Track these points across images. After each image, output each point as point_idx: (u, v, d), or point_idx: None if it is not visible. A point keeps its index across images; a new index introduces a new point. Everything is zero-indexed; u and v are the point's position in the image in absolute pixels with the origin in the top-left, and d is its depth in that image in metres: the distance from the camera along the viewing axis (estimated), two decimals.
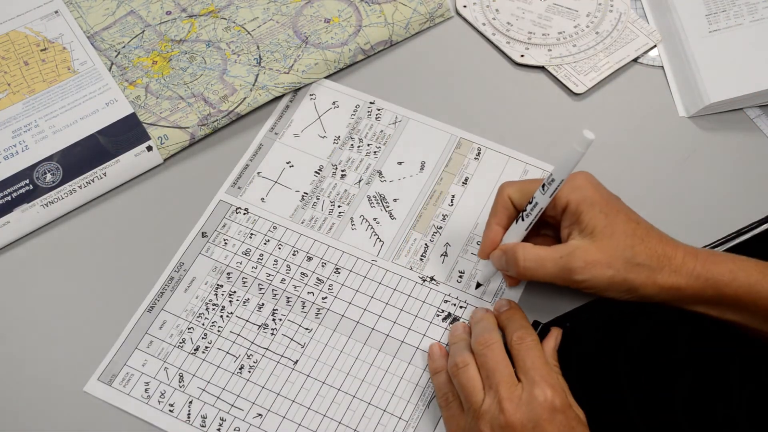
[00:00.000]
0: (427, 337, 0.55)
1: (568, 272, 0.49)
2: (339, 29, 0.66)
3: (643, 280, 0.49)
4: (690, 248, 0.50)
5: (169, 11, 0.68)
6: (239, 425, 0.52)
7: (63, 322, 0.56)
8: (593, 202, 0.49)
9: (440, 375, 0.52)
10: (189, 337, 0.55)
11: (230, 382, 0.54)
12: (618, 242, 0.48)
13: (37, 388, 0.54)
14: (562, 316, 0.56)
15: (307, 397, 0.53)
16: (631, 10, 0.68)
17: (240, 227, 0.60)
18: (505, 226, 0.53)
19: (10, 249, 0.59)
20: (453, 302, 0.56)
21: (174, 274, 0.58)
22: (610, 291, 0.49)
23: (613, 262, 0.48)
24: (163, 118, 0.62)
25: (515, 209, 0.53)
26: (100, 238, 0.59)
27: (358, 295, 0.56)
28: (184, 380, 0.54)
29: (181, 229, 0.59)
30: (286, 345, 0.55)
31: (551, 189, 0.48)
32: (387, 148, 0.62)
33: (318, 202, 0.61)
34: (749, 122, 0.63)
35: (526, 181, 0.53)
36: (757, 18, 0.65)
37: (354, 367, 0.54)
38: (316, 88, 0.65)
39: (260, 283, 0.57)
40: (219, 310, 0.56)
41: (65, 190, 0.59)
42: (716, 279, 0.49)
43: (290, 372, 0.54)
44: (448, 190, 0.60)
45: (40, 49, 0.66)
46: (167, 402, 0.53)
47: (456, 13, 0.70)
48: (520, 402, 0.46)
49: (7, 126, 0.62)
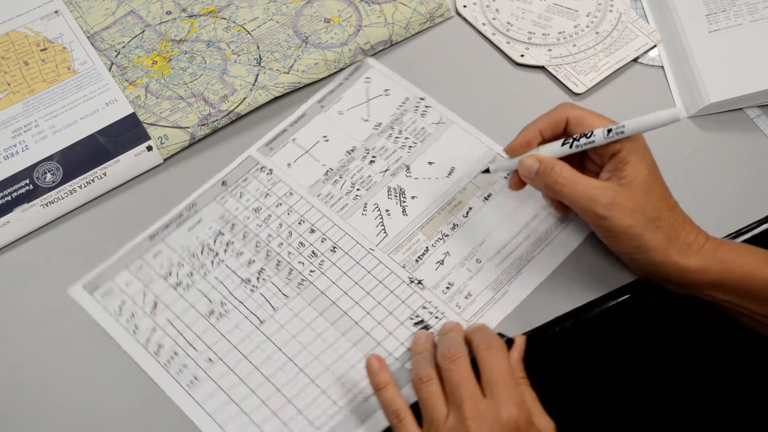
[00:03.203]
0: (392, 336, 0.55)
1: (593, 203, 0.50)
2: (339, 29, 0.66)
3: (657, 244, 0.50)
4: (703, 232, 0.52)
5: (169, 11, 0.68)
6: (188, 363, 0.54)
7: (63, 320, 0.56)
8: (643, 158, 0.51)
9: (387, 390, 0.51)
10: (176, 271, 0.58)
11: (196, 323, 0.56)
12: (649, 200, 0.50)
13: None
14: (562, 316, 0.56)
15: (258, 358, 0.55)
16: (631, 10, 0.68)
17: (259, 185, 0.61)
18: (546, 137, 0.54)
19: (10, 249, 0.59)
20: (431, 310, 0.56)
21: (184, 212, 0.60)
22: (622, 241, 0.51)
23: (638, 214, 0.50)
24: (163, 118, 0.62)
25: (564, 132, 0.54)
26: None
27: (343, 278, 0.57)
28: (156, 309, 0.56)
29: (204, 175, 0.62)
30: (259, 304, 0.56)
31: (616, 137, 0.51)
32: (423, 145, 0.62)
33: (340, 180, 0.61)
34: (749, 122, 0.63)
35: (589, 111, 0.53)
36: (757, 18, 0.65)
37: (313, 343, 0.55)
38: (374, 72, 0.66)
39: (259, 241, 0.59)
40: (212, 255, 0.58)
41: (65, 190, 0.59)
42: (722, 259, 0.50)
43: (253, 330, 0.55)
44: (468, 201, 0.60)
45: (40, 49, 0.66)
46: (134, 323, 0.56)
47: (456, 13, 0.70)
48: (483, 421, 0.46)
49: (7, 126, 0.62)
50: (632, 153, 0.51)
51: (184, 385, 0.54)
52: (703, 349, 0.68)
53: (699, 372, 0.67)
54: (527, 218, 0.58)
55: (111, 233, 0.59)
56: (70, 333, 0.56)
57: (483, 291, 0.56)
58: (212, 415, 0.53)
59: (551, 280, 0.56)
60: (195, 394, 0.54)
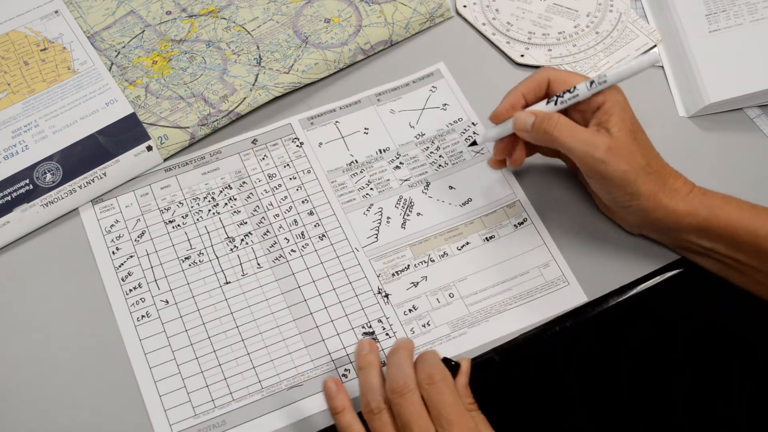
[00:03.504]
0: (338, 337, 0.55)
1: (593, 147, 0.51)
2: (339, 29, 0.66)
3: (649, 189, 0.52)
4: (689, 180, 0.54)
5: (169, 11, 0.68)
6: (146, 297, 0.56)
7: (63, 320, 0.56)
8: (626, 110, 0.53)
9: (345, 415, 0.51)
10: (174, 209, 0.60)
11: (169, 263, 0.58)
12: (639, 149, 0.52)
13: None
14: (562, 316, 0.56)
15: (208, 315, 0.56)
16: (631, 9, 0.68)
17: (284, 154, 0.62)
18: (529, 101, 0.55)
19: (10, 249, 0.59)
20: (385, 326, 0.56)
21: (207, 156, 0.62)
22: (618, 187, 0.52)
23: (632, 161, 0.51)
24: (163, 118, 0.62)
25: (546, 94, 0.55)
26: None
27: (318, 267, 0.58)
28: (142, 238, 0.59)
29: (240, 128, 0.64)
30: (232, 265, 0.58)
31: (599, 88, 0.52)
32: (453, 168, 0.62)
33: (359, 174, 0.62)
34: (749, 122, 0.63)
35: (569, 72, 0.55)
36: (757, 18, 0.65)
37: (263, 319, 0.56)
38: (442, 84, 0.66)
39: (258, 206, 0.60)
40: (212, 205, 0.60)
41: (65, 190, 0.59)
42: (709, 204, 0.52)
43: (216, 287, 0.57)
44: (468, 236, 0.59)
45: (40, 49, 0.66)
46: (116, 245, 0.58)
47: (456, 13, 0.70)
48: None
49: (7, 126, 0.62)
50: (615, 105, 0.52)
51: (135, 318, 0.56)
52: (703, 349, 0.68)
53: (699, 372, 0.67)
54: (518, 271, 0.57)
55: None
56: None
57: (442, 325, 0.55)
58: (147, 354, 0.54)
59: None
60: (140, 329, 0.55)
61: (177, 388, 0.53)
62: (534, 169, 0.62)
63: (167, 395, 0.53)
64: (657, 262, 0.57)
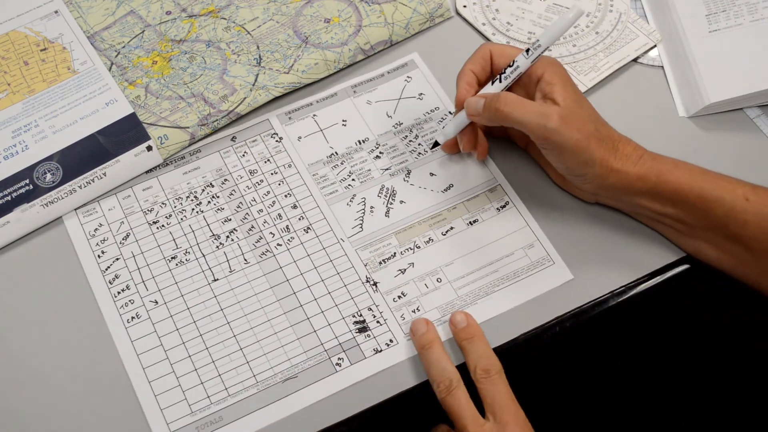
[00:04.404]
0: (329, 326, 0.55)
1: (545, 118, 0.51)
2: (339, 29, 0.66)
3: (601, 155, 0.52)
4: (640, 146, 0.54)
5: (169, 11, 0.68)
6: (134, 299, 0.56)
7: (63, 319, 0.56)
8: (566, 79, 0.54)
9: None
10: (157, 210, 0.60)
11: (156, 264, 0.58)
12: (586, 116, 0.53)
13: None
14: (562, 316, 0.56)
15: (199, 313, 0.56)
16: (631, 10, 0.68)
17: (264, 150, 0.63)
18: (480, 77, 0.56)
19: (10, 249, 0.59)
20: (375, 314, 0.56)
21: (187, 156, 0.62)
22: (571, 156, 0.52)
23: (582, 129, 0.52)
24: (163, 118, 0.62)
25: (491, 69, 0.56)
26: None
27: (305, 260, 0.58)
28: (126, 240, 0.59)
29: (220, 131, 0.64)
30: (219, 262, 0.58)
31: (535, 54, 0.53)
32: (432, 156, 0.62)
33: (340, 166, 0.62)
34: (749, 122, 0.63)
35: (507, 45, 0.56)
36: (757, 18, 0.65)
37: (254, 313, 0.56)
38: (417, 74, 0.66)
39: (242, 202, 0.60)
40: (195, 203, 0.60)
41: (65, 190, 0.59)
42: (659, 168, 0.52)
43: (205, 285, 0.57)
44: (452, 221, 0.59)
45: (40, 49, 0.66)
46: (101, 248, 0.58)
47: (456, 13, 0.70)
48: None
49: (7, 126, 0.62)
50: (555, 75, 0.53)
51: (125, 319, 0.56)
52: (703, 349, 0.68)
53: (699, 372, 0.67)
54: (504, 253, 0.58)
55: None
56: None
57: (432, 310, 0.56)
58: (139, 355, 0.54)
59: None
60: (131, 330, 0.55)
61: (172, 387, 0.53)
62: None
63: (162, 394, 0.53)
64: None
